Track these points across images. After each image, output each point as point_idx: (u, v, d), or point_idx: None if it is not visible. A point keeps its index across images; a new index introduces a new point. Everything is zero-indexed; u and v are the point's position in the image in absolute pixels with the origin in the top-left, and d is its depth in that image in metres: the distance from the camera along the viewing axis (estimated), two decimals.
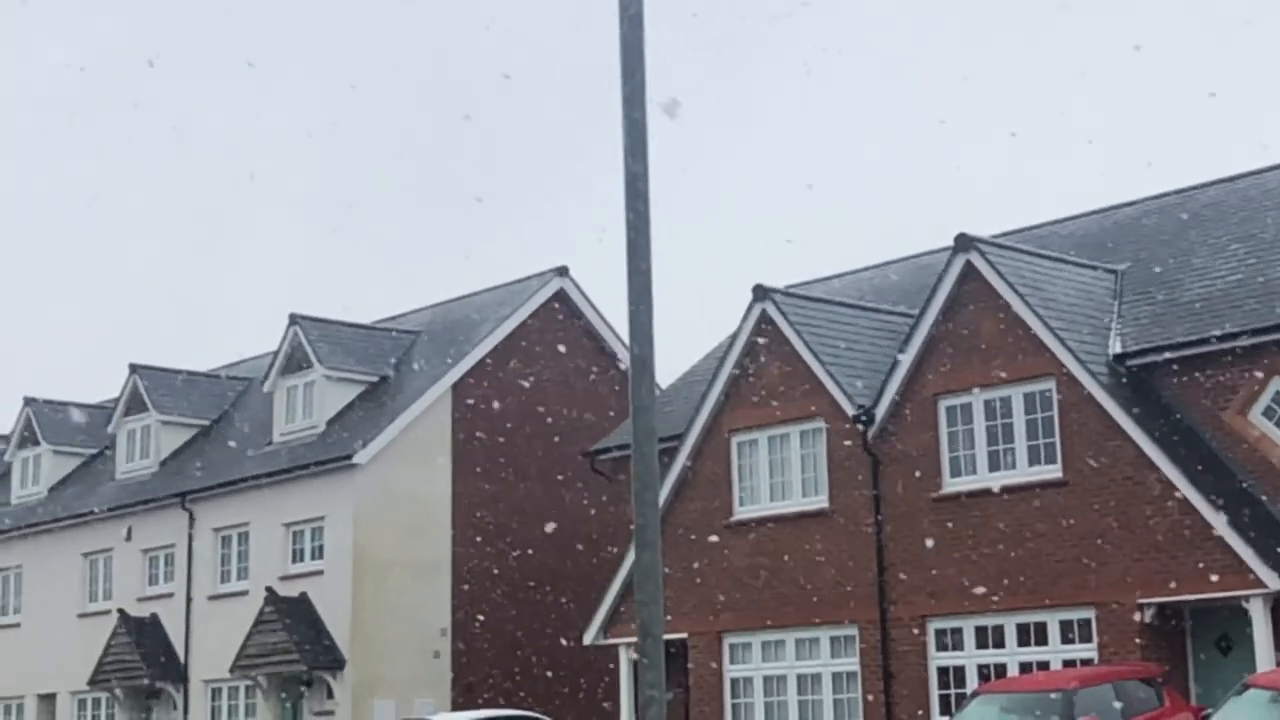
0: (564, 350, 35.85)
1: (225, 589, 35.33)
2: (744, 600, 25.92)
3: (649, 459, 9.02)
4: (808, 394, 25.31)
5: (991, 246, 23.80)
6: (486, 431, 34.34)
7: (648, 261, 9.18)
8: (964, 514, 23.23)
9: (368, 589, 32.33)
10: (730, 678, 26.19)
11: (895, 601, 23.95)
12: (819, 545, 25.01)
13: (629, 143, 9.18)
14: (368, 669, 32.11)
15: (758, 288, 26.09)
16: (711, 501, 26.49)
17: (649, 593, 8.97)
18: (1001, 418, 23.09)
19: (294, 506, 33.76)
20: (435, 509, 33.41)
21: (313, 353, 35.01)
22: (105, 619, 37.49)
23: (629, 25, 9.18)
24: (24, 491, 43.19)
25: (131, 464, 39.79)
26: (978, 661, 23.00)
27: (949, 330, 23.66)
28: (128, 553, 37.97)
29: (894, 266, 31.75)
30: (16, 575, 41.70)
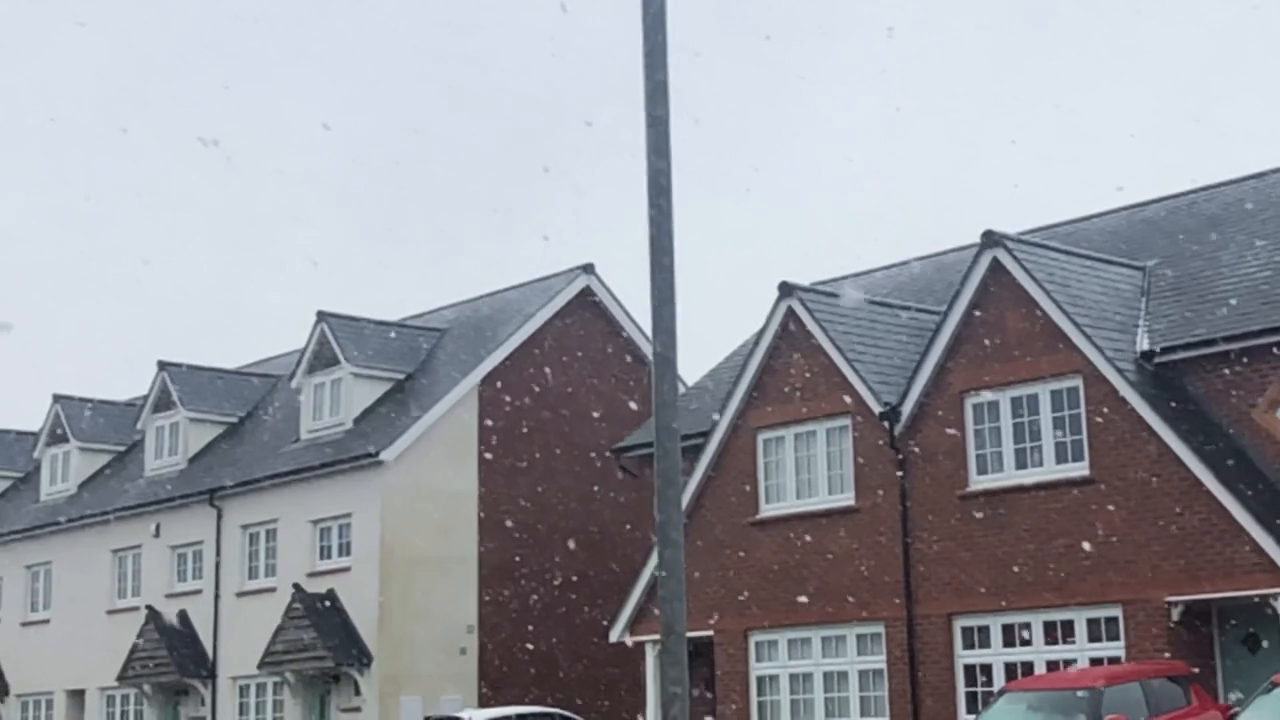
0: (590, 347, 35.88)
1: (253, 586, 35.45)
2: (770, 597, 25.88)
3: (672, 456, 9.01)
4: (834, 391, 25.26)
5: (1018, 243, 23.72)
6: (513, 429, 34.38)
7: (671, 258, 9.18)
8: (991, 511, 23.16)
9: (394, 586, 32.40)
10: (756, 675, 26.16)
11: (922, 599, 23.89)
12: (845, 542, 24.96)
13: (652, 140, 9.18)
14: (394, 665, 32.18)
15: (783, 284, 26.06)
16: (737, 499, 26.47)
17: (672, 589, 8.96)
18: (1028, 415, 23.01)
19: (321, 503, 33.85)
20: (462, 506, 33.46)
21: (340, 350, 35.10)
22: (134, 615, 37.65)
23: (651, 22, 9.18)
24: (53, 489, 43.40)
25: (160, 461, 39.94)
26: (1004, 659, 22.93)
27: (975, 327, 23.59)
28: (156, 549, 38.11)
29: (920, 263, 31.69)
30: (46, 572, 41.90)
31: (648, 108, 9.17)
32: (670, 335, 9.10)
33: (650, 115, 9.15)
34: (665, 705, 8.96)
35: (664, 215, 9.15)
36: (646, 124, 9.11)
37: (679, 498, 9.11)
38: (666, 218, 9.17)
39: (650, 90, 9.19)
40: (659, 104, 9.20)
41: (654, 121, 9.16)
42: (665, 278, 9.10)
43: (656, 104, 9.20)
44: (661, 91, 9.19)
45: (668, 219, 9.18)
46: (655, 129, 9.16)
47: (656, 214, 9.14)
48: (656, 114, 9.17)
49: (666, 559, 8.93)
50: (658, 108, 9.19)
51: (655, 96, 9.19)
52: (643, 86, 9.17)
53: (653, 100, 9.19)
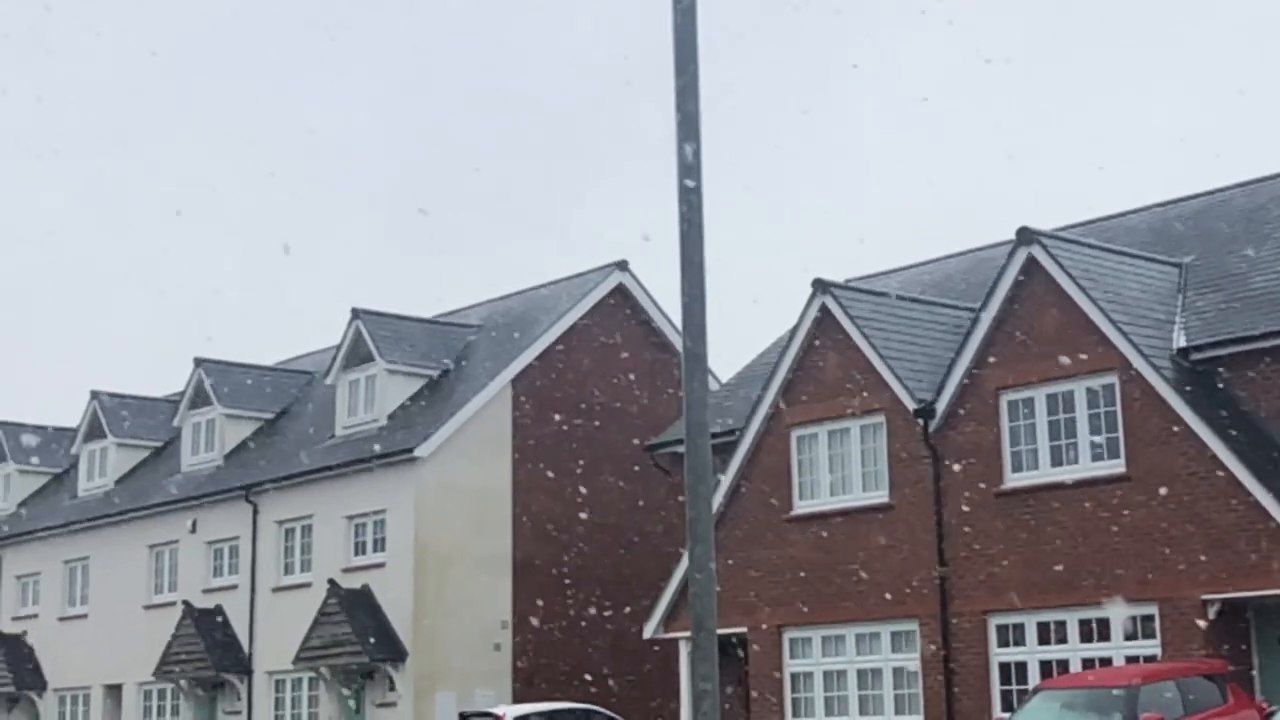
0: (623, 344, 35.88)
1: (288, 581, 35.59)
2: (804, 595, 25.84)
3: (702, 452, 9.01)
4: (868, 388, 25.20)
5: (1053, 239, 23.61)
6: (546, 425, 34.41)
7: (701, 254, 9.17)
8: (1026, 509, 23.06)
9: (429, 581, 32.47)
10: (790, 672, 26.13)
11: (956, 596, 23.82)
12: (880, 540, 24.90)
13: (682, 135, 9.16)
14: (429, 661, 32.25)
15: (817, 281, 26.01)
16: (771, 496, 26.43)
17: (702, 586, 8.96)
18: (1064, 412, 22.91)
19: (356, 499, 33.96)
20: (496, 502, 33.51)
21: (374, 347, 35.20)
22: (170, 610, 37.84)
23: (682, 17, 9.17)
24: (91, 484, 43.66)
25: (196, 457, 40.13)
26: (1039, 657, 22.84)
27: (1011, 324, 23.49)
28: (193, 545, 38.30)
29: (955, 260, 31.60)
30: (83, 567, 42.17)
31: (678, 103, 9.16)
32: (701, 331, 9.09)
33: (681, 110, 9.15)
34: (695, 701, 8.96)
35: (694, 211, 9.14)
36: (677, 119, 9.11)
37: (710, 494, 9.11)
38: (697, 213, 9.15)
39: (681, 86, 9.18)
40: (689, 99, 9.19)
41: (684, 117, 9.15)
42: (695, 274, 9.09)
43: (687, 99, 9.19)
44: (692, 87, 9.18)
45: (698, 215, 9.16)
46: (685, 124, 9.16)
47: (687, 210, 9.13)
48: (687, 109, 9.16)
49: (697, 555, 8.93)
50: (688, 103, 9.18)
51: (685, 92, 9.18)
52: (673, 82, 9.17)
53: (683, 95, 9.18)
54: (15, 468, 46.86)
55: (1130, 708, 18.16)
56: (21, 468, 46.87)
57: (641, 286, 36.33)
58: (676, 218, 9.13)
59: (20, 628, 43.76)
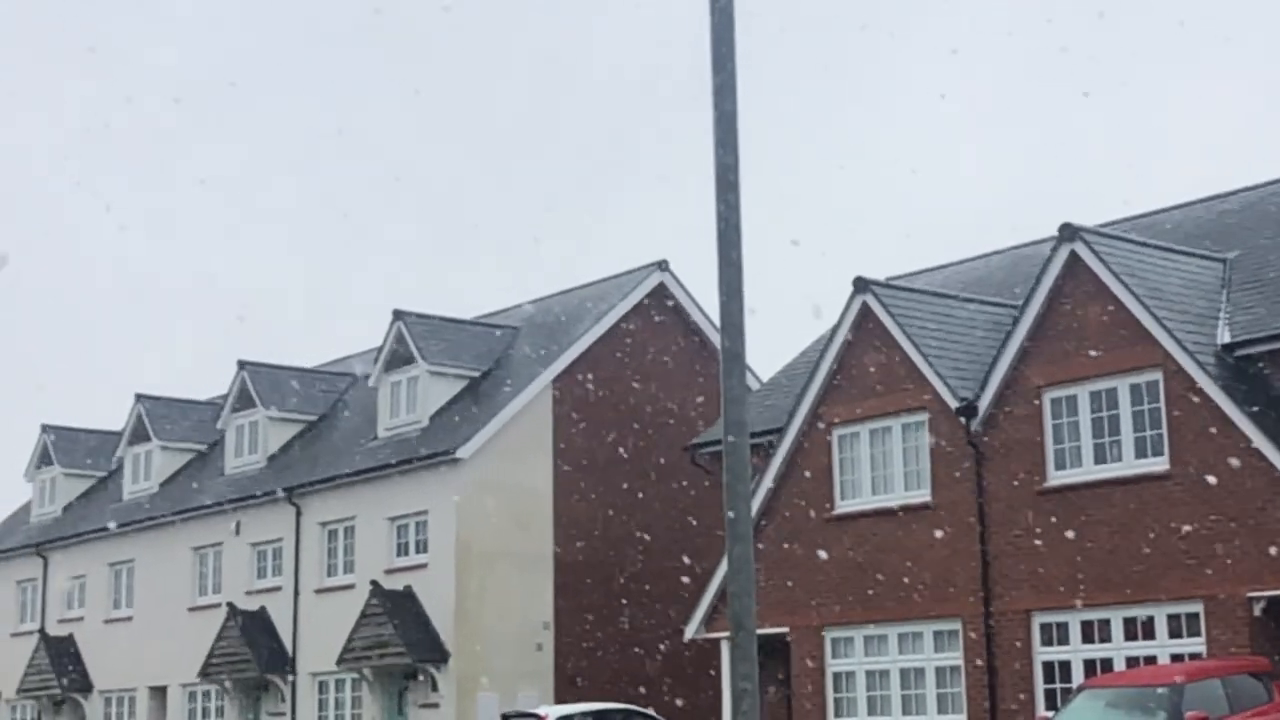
0: (664, 344, 35.87)
1: (331, 582, 35.72)
2: (846, 594, 25.77)
3: (741, 451, 8.99)
4: (910, 386, 25.10)
5: (1096, 235, 23.46)
6: (587, 425, 34.44)
7: (739, 251, 9.15)
8: (1069, 507, 22.94)
9: (471, 582, 32.54)
10: (832, 672, 26.06)
11: (1000, 595, 23.71)
12: (922, 539, 24.81)
13: (719, 134, 9.15)
14: (471, 662, 32.31)
15: (858, 280, 25.92)
16: (813, 495, 26.37)
17: (741, 585, 8.94)
18: (1107, 409, 22.77)
19: (398, 501, 34.06)
20: (537, 503, 33.55)
21: (416, 349, 35.30)
22: (215, 612, 38.03)
23: (719, 17, 9.15)
24: (136, 487, 43.93)
25: (240, 459, 40.32)
26: (1083, 656, 22.71)
27: (1053, 321, 23.36)
28: (236, 547, 38.49)
29: (997, 257, 31.45)
30: (129, 569, 42.43)
31: (715, 102, 9.15)
32: (739, 330, 9.07)
33: (718, 109, 9.13)
34: (735, 701, 8.94)
35: (732, 210, 9.13)
36: (714, 119, 9.09)
37: (748, 493, 9.09)
38: (734, 212, 9.14)
39: (718, 85, 9.17)
40: (726, 98, 9.18)
41: (721, 116, 9.14)
42: (733, 272, 9.08)
43: (724, 98, 9.17)
44: (729, 86, 9.17)
45: (735, 213, 9.15)
46: (723, 124, 9.14)
47: (724, 208, 9.11)
48: (724, 108, 9.14)
49: (735, 555, 8.91)
50: (725, 102, 9.17)
51: (722, 91, 9.17)
52: (710, 81, 9.15)
53: (720, 95, 9.17)
54: (61, 471, 47.19)
55: (1175, 706, 18.04)
56: (67, 471, 47.21)
57: (682, 286, 36.31)
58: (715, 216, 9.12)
59: (66, 630, 44.08)
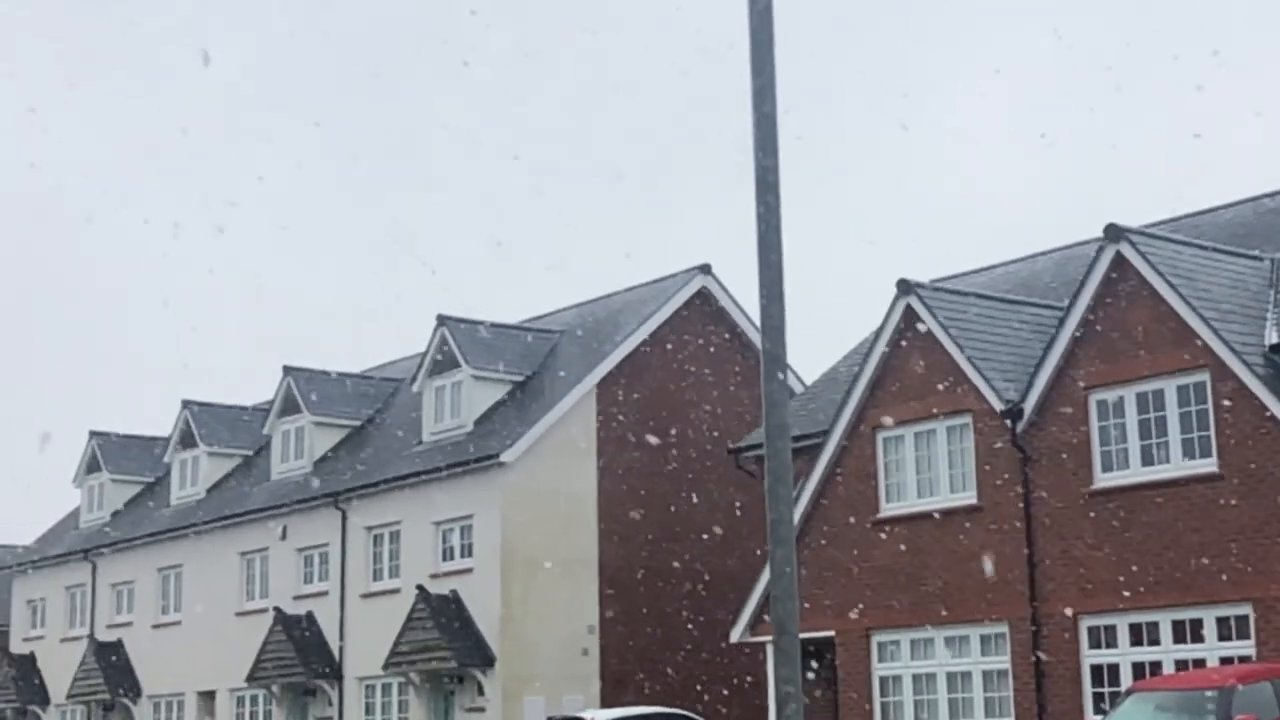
0: (707, 347, 35.84)
1: (377, 587, 35.82)
2: (892, 597, 25.68)
3: (782, 455, 8.96)
4: (954, 389, 25.00)
5: (1142, 236, 23.31)
6: (631, 429, 34.43)
7: (779, 254, 9.11)
8: (1116, 509, 22.79)
9: (516, 586, 32.58)
10: (879, 676, 25.96)
11: (1047, 598, 23.57)
12: (967, 542, 24.70)
13: (759, 137, 9.13)
14: (517, 666, 32.35)
15: (901, 282, 25.83)
16: (857, 498, 26.29)
17: (784, 588, 8.91)
18: (1154, 411, 22.61)
19: (443, 505, 34.14)
20: (582, 507, 33.58)
21: (460, 353, 35.39)
22: (262, 617, 38.21)
23: (758, 20, 9.13)
24: (183, 492, 44.18)
25: (286, 464, 40.51)
26: (1132, 659, 22.56)
27: (1099, 323, 23.22)
28: (283, 552, 38.66)
29: (1042, 259, 31.29)
30: (177, 575, 42.68)
31: (755, 104, 9.13)
32: (779, 333, 9.04)
33: (757, 111, 9.11)
34: (779, 705, 8.91)
35: (771, 212, 9.10)
36: (754, 121, 9.07)
37: (790, 496, 9.05)
38: (774, 214, 9.11)
39: (757, 87, 9.15)
40: (766, 101, 9.15)
41: (761, 119, 9.11)
42: (773, 275, 9.05)
43: (764, 101, 9.15)
44: (769, 88, 9.14)
45: (775, 216, 9.12)
46: (762, 126, 9.12)
47: (764, 211, 9.09)
48: (764, 111, 9.12)
49: (778, 558, 8.88)
50: (765, 104, 9.14)
51: (762, 93, 9.14)
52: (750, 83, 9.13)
53: (760, 97, 9.15)
54: (109, 477, 47.53)
55: (1225, 709, 17.88)
56: (115, 477, 47.55)
57: (724, 289, 36.28)
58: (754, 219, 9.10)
59: (116, 635, 44.38)
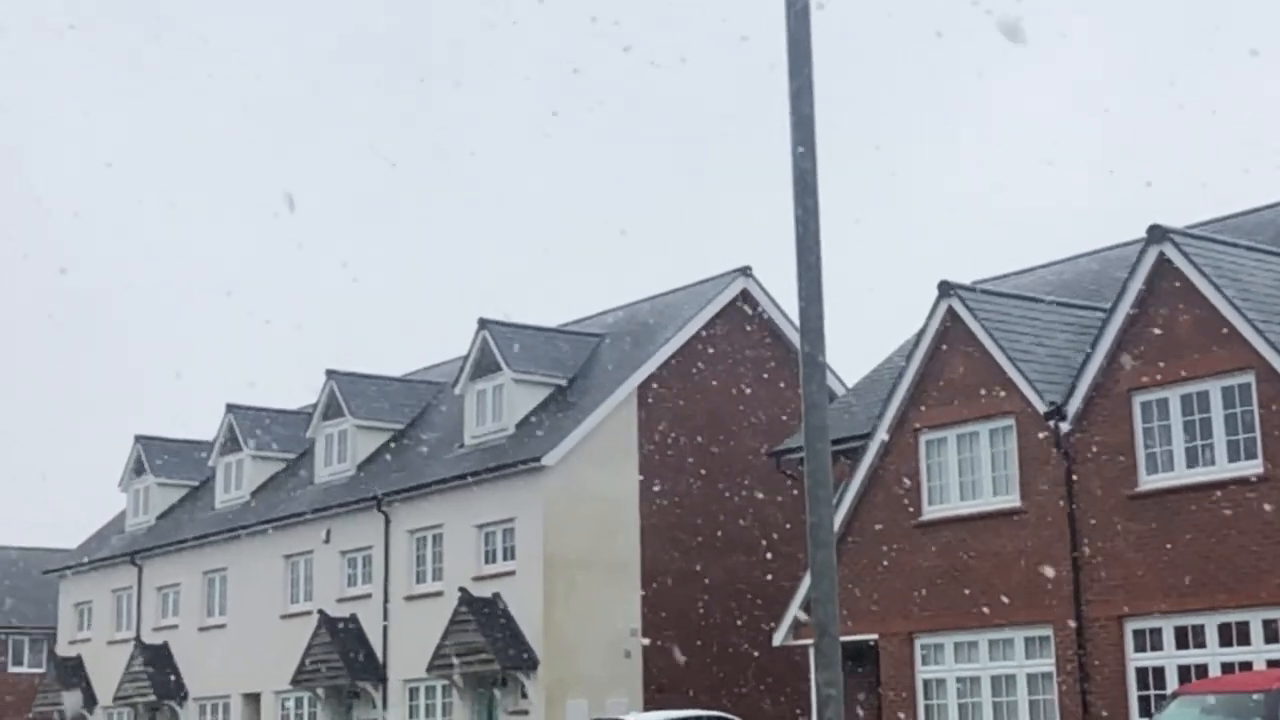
0: (748, 350, 35.79)
1: (421, 589, 35.91)
2: (935, 600, 25.58)
3: (822, 457, 8.94)
4: (997, 391, 24.88)
5: (1186, 237, 23.15)
6: (673, 432, 34.42)
7: (818, 256, 9.10)
8: (1161, 511, 22.64)
9: (559, 589, 32.61)
10: (923, 679, 25.87)
11: (1091, 601, 23.43)
12: (1011, 544, 24.58)
13: (797, 137, 9.11)
14: (560, 668, 32.38)
15: (943, 284, 25.73)
16: (900, 501, 26.21)
17: (824, 591, 8.89)
18: (1199, 412, 22.45)
19: (485, 508, 34.20)
20: (623, 509, 33.58)
21: (501, 357, 35.45)
22: (307, 620, 38.35)
23: (795, 20, 9.11)
24: (227, 496, 44.40)
25: (329, 468, 40.66)
26: (1178, 662, 22.40)
27: (1142, 324, 23.07)
28: (327, 555, 38.80)
29: (1084, 260, 31.12)
30: (222, 578, 42.90)
31: (792, 105, 9.11)
32: (818, 335, 9.02)
33: (795, 113, 9.09)
34: (820, 707, 8.89)
35: (810, 214, 9.08)
36: (792, 122, 9.05)
37: (830, 499, 9.04)
38: (813, 217, 9.09)
39: (795, 89, 9.13)
40: (804, 102, 9.13)
41: (799, 119, 9.09)
42: (812, 277, 9.02)
43: (801, 101, 9.13)
44: (807, 89, 9.12)
45: (814, 218, 9.10)
46: (800, 127, 9.10)
47: (802, 213, 9.07)
48: (802, 111, 9.10)
49: (818, 561, 8.87)
50: (803, 105, 9.12)
51: (800, 94, 9.12)
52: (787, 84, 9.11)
53: (798, 98, 9.13)
54: (154, 481, 47.79)
55: (1271, 712, 17.71)
56: (160, 481, 47.81)
57: (765, 292, 36.22)
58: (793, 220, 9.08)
59: (162, 638, 44.64)
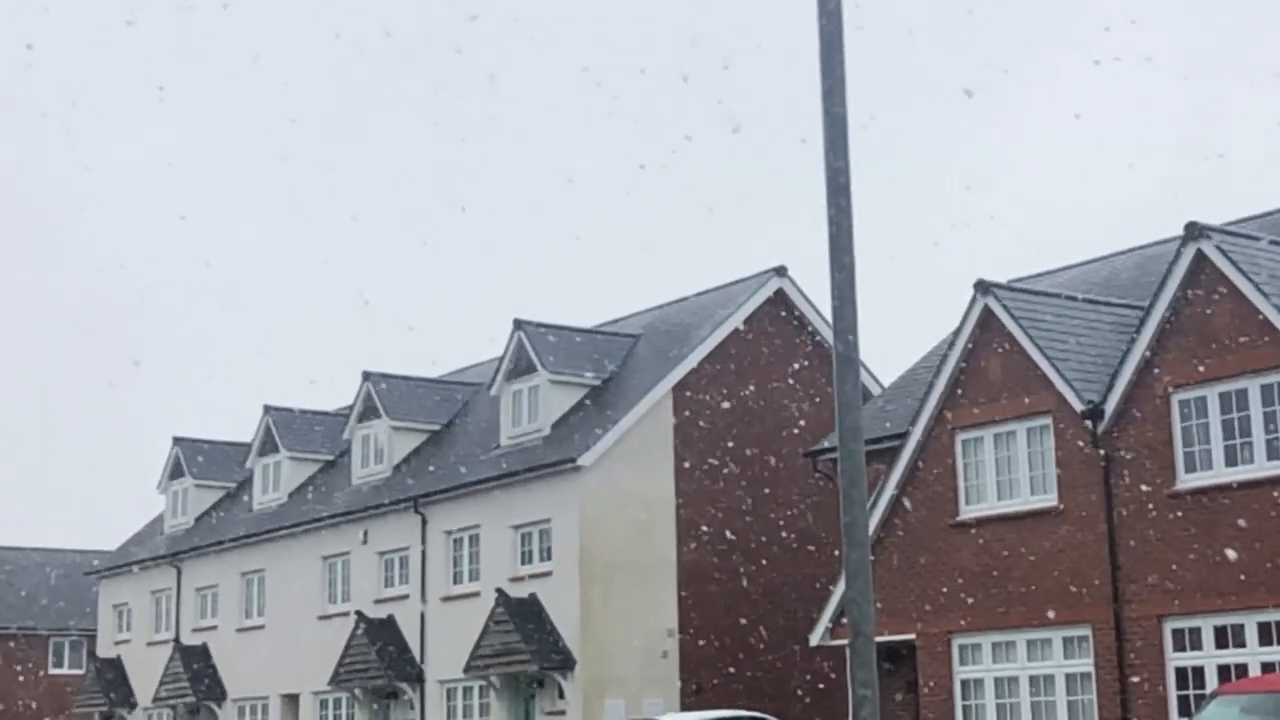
0: (784, 350, 35.75)
1: (457, 590, 35.98)
2: (973, 600, 25.49)
3: (856, 457, 8.93)
4: (1034, 390, 24.78)
5: (1223, 234, 23.02)
6: (708, 432, 34.41)
7: (851, 256, 9.08)
8: (1200, 510, 22.51)
9: (595, 590, 32.63)
10: (960, 679, 25.78)
11: (1130, 601, 23.32)
12: (1049, 544, 24.48)
13: (829, 138, 9.10)
14: (597, 669, 32.40)
15: (979, 282, 25.65)
16: (937, 501, 26.13)
17: (859, 591, 8.87)
18: (1238, 411, 22.32)
19: (521, 509, 34.24)
20: (659, 510, 33.57)
21: (537, 357, 35.50)
22: (344, 620, 38.48)
23: (827, 20, 9.10)
24: (265, 497, 44.59)
25: (366, 469, 40.78)
26: (1217, 661, 22.27)
27: (1181, 322, 22.95)
28: (364, 555, 38.93)
29: (1121, 258, 30.97)
30: (259, 579, 43.08)
31: (825, 105, 9.09)
32: (852, 335, 9.01)
33: (828, 113, 9.08)
34: (855, 707, 8.87)
35: (843, 214, 9.07)
36: (824, 122, 9.04)
37: (864, 499, 9.02)
38: (846, 216, 9.08)
39: (827, 88, 9.12)
40: (836, 101, 9.11)
41: (831, 119, 9.08)
42: (845, 277, 9.01)
43: (834, 101, 9.11)
44: (839, 89, 9.11)
45: (847, 218, 9.09)
46: (833, 127, 9.09)
47: (835, 213, 9.06)
48: (834, 112, 9.08)
49: (853, 561, 8.85)
50: (835, 105, 9.11)
51: (832, 94, 9.11)
52: (819, 83, 9.10)
53: (829, 97, 9.12)
54: (192, 483, 48.01)
55: None
56: (198, 483, 48.02)
57: (800, 291, 36.16)
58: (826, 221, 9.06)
59: (200, 639, 44.86)
